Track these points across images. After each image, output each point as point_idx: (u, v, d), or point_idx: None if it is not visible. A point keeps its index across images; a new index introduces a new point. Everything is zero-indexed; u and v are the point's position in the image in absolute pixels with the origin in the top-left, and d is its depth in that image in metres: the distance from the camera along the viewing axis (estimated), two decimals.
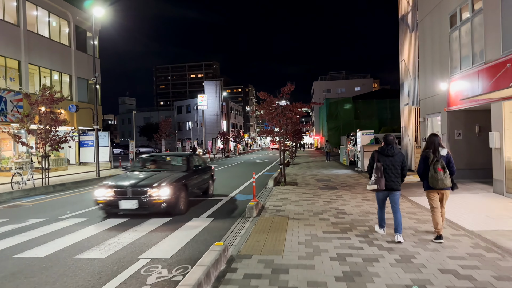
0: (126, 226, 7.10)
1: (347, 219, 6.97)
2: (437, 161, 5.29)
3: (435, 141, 5.44)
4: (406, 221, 6.70)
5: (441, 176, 5.25)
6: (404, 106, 16.87)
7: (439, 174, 5.25)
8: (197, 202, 9.74)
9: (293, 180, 14.28)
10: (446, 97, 12.14)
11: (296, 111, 12.70)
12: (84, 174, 19.20)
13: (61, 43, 22.68)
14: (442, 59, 12.52)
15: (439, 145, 5.43)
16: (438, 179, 5.26)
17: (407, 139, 16.55)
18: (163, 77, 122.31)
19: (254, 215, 7.47)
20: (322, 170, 18.52)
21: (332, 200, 9.18)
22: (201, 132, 61.59)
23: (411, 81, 15.86)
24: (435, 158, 5.32)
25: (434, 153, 5.36)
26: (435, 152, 5.36)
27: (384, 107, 49.35)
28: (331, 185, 12.42)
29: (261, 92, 12.68)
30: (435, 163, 5.29)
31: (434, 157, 5.33)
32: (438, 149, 5.38)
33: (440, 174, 5.25)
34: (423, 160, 5.48)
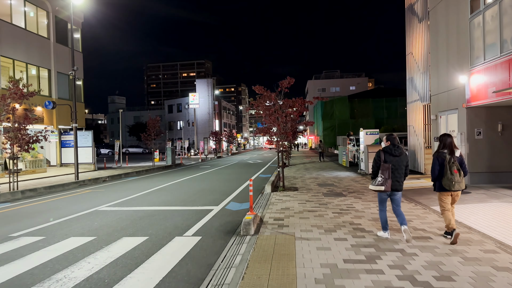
0: (89, 248, 5.59)
1: (369, 240, 5.53)
2: (453, 163, 5.17)
3: (450, 141, 5.32)
4: (443, 241, 5.29)
5: (458, 178, 5.15)
6: (412, 103, 15.55)
7: (455, 176, 5.14)
8: (184, 212, 8.24)
9: (292, 184, 12.84)
10: (464, 91, 10.80)
11: (297, 107, 11.26)
12: (63, 177, 17.56)
13: (39, 34, 20.94)
14: (461, 49, 11.18)
15: (454, 146, 5.32)
16: (455, 181, 5.14)
17: (415, 139, 15.22)
18: (154, 76, 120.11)
19: (251, 232, 6.01)
20: (322, 173, 17.12)
21: (343, 212, 7.75)
22: (192, 132, 59.95)
23: (420, 75, 14.53)
24: (451, 160, 5.19)
25: (450, 154, 5.23)
26: (452, 154, 5.23)
27: (381, 106, 48.42)
28: (336, 190, 11.01)
29: (257, 86, 11.22)
30: (452, 165, 5.16)
31: (451, 158, 5.20)
32: (454, 150, 5.27)
33: (457, 176, 5.14)
34: (438, 161, 5.31)
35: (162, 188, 13.26)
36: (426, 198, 9.19)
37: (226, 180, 15.50)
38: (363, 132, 16.20)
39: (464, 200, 8.71)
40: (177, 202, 9.86)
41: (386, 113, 47.89)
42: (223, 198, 10.40)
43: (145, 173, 20.75)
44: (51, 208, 9.49)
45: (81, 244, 5.85)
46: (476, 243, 5.24)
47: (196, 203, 9.62)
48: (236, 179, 15.82)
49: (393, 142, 5.41)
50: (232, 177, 17.04)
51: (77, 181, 15.61)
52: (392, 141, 5.42)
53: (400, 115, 46.38)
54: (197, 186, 13.71)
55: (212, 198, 10.53)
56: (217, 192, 11.71)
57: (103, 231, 6.71)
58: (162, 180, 16.33)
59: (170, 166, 25.90)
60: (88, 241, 6.02)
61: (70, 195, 12.14)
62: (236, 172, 19.64)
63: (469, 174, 10.91)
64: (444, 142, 5.36)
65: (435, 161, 5.34)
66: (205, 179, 16.17)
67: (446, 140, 5.35)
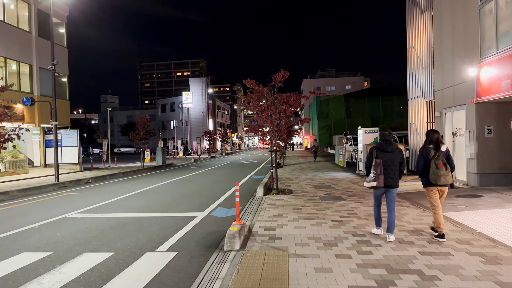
0: (39, 267, 4.59)
1: (377, 257, 4.59)
2: (438, 157, 5.19)
3: (437, 137, 5.33)
4: (466, 258, 4.37)
5: (443, 172, 5.14)
6: (413, 100, 14.66)
7: (441, 170, 5.14)
8: (163, 220, 7.25)
9: (286, 186, 11.89)
10: (474, 85, 9.92)
11: (292, 103, 10.31)
12: (44, 179, 16.47)
13: (20, 28, 19.80)
14: (469, 40, 10.29)
15: (440, 141, 5.32)
16: (440, 175, 5.14)
17: (416, 138, 14.33)
18: (148, 75, 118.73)
19: (236, 247, 5.05)
20: (318, 173, 16.20)
21: (343, 219, 6.81)
22: (186, 132, 58.85)
23: (422, 70, 13.64)
24: (436, 154, 5.21)
25: (435, 149, 5.25)
26: (437, 148, 5.25)
27: (377, 105, 47.79)
28: (334, 193, 10.07)
29: (248, 80, 10.25)
30: (437, 158, 5.18)
31: (435, 153, 5.22)
32: (440, 145, 5.27)
33: (442, 170, 5.14)
34: (422, 156, 5.34)
35: (145, 191, 12.25)
36: (425, 199, 8.27)
37: (216, 182, 14.52)
38: (362, 130, 15.30)
39: (478, 205, 7.81)
40: (158, 208, 8.87)
41: (382, 112, 47.26)
42: (210, 203, 9.42)
43: (133, 174, 19.70)
44: (16, 214, 8.46)
45: (31, 262, 4.85)
46: (509, 262, 4.32)
47: (179, 209, 8.64)
48: (227, 181, 14.85)
49: (386, 139, 5.41)
50: (223, 178, 16.06)
51: (56, 183, 14.54)
52: (384, 138, 5.43)
53: (397, 114, 45.77)
54: (184, 188, 12.72)
55: (198, 202, 9.55)
56: (205, 196, 10.73)
57: (63, 244, 5.71)
58: (148, 181, 15.31)
59: (160, 167, 24.86)
60: (41, 258, 5.03)
61: (45, 198, 11.11)
62: (228, 173, 18.67)
63: (478, 176, 10.03)
64: (430, 137, 5.36)
65: (420, 156, 5.36)
66: (194, 181, 15.18)
67: (433, 136, 5.35)
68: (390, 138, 5.43)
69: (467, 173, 10.49)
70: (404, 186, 11.01)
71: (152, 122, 73.18)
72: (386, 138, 5.42)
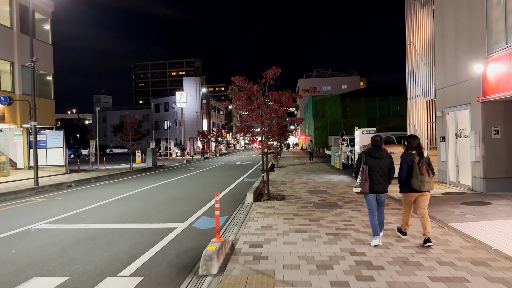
0: None
1: (380, 284, 3.82)
2: (422, 163, 5.15)
3: (418, 143, 5.32)
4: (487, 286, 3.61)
5: (427, 178, 5.13)
6: (413, 99, 13.94)
7: (425, 176, 5.12)
8: (137, 233, 6.44)
9: (279, 191, 11.11)
10: (480, 83, 9.20)
11: (284, 102, 9.54)
12: (25, 182, 15.60)
13: (0, 23, 18.87)
14: (474, 35, 9.57)
15: (421, 147, 5.31)
16: (425, 181, 5.12)
17: None
18: (142, 75, 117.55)
19: (213, 271, 4.26)
20: (313, 176, 15.44)
21: (339, 231, 6.04)
22: (180, 132, 57.96)
23: (423, 67, 12.92)
24: (421, 160, 5.16)
25: (419, 155, 5.21)
26: (421, 155, 5.22)
27: (373, 105, 47.22)
28: (329, 199, 9.31)
29: (237, 77, 9.46)
30: (421, 165, 5.14)
31: (420, 159, 5.17)
32: (422, 151, 5.25)
33: (426, 176, 5.13)
34: (406, 162, 5.27)
35: (128, 196, 11.43)
36: (440, 212, 7.54)
37: (205, 186, 13.72)
38: (359, 131, 14.56)
39: (487, 214, 7.08)
40: (137, 217, 8.06)
41: (379, 112, 46.69)
42: (194, 211, 8.61)
43: (119, 177, 18.85)
44: None
45: None
46: None
47: (159, 218, 7.83)
48: (217, 184, 14.05)
49: (376, 144, 5.33)
50: (213, 181, 15.26)
51: (35, 187, 13.67)
52: (375, 143, 5.34)
53: (393, 114, 45.18)
54: (169, 193, 11.91)
55: (181, 210, 8.75)
56: (190, 202, 9.93)
57: (13, 265, 4.90)
58: (133, 185, 14.48)
59: (150, 169, 24.02)
60: None
61: (17, 205, 10.26)
62: (219, 176, 17.87)
63: (484, 180, 9.32)
64: (412, 144, 5.32)
65: (404, 162, 5.29)
66: (181, 184, 14.37)
67: (414, 141, 5.33)
68: (380, 143, 5.35)
69: (472, 178, 9.78)
70: None
71: (146, 122, 72.30)
72: (376, 144, 5.34)
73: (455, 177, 10.79)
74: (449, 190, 10.23)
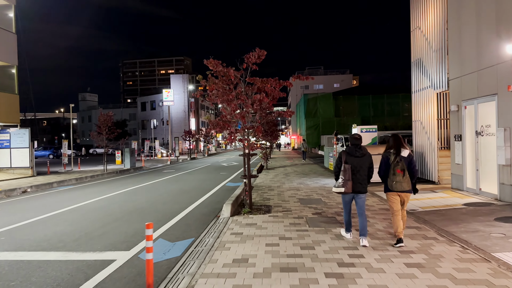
0: None
1: None
2: (397, 163, 5.05)
3: (399, 142, 5.19)
4: None
5: (400, 179, 5.02)
6: (419, 92, 12.14)
7: (397, 176, 5.03)
8: (56, 269, 4.48)
9: (264, 200, 9.22)
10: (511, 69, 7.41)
11: (269, 92, 7.64)
12: None
13: None
14: (504, 9, 7.78)
15: (402, 145, 5.17)
16: (396, 181, 5.03)
17: (423, 138, 11.82)
18: (130, 73, 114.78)
19: None
20: (305, 180, 13.58)
21: (344, 270, 4.16)
22: (167, 131, 55.77)
23: (432, 55, 11.14)
24: (396, 159, 5.07)
25: (396, 154, 5.10)
26: (398, 153, 5.10)
27: (367, 104, 45.74)
28: (326, 213, 7.43)
29: (211, 60, 7.54)
30: (396, 164, 5.06)
31: (395, 158, 5.07)
32: (400, 150, 5.12)
33: (399, 176, 5.03)
34: (384, 161, 5.21)
35: (79, 207, 9.43)
36: (472, 233, 5.71)
37: (181, 192, 11.76)
38: (357, 129, 12.74)
39: None
40: (71, 240, 6.09)
41: (373, 111, 45.17)
42: (153, 228, 6.67)
43: (88, 180, 16.79)
44: None
45: None
46: None
47: (98, 243, 5.87)
48: (195, 190, 12.11)
49: (355, 143, 5.25)
50: (192, 186, 13.30)
51: None
52: (354, 142, 5.27)
53: (388, 113, 43.70)
54: (133, 202, 9.94)
55: (135, 229, 6.79)
56: (152, 215, 7.98)
57: None
58: (97, 191, 12.47)
59: (127, 171, 21.96)
60: None
61: None
62: (200, 179, 15.92)
63: None
64: (392, 142, 5.25)
65: (382, 161, 5.24)
66: (153, 190, 12.39)
67: (395, 140, 5.23)
68: (360, 142, 5.26)
69: (499, 185, 7.99)
70: (415, 201, 8.45)
71: (132, 122, 69.92)
72: (355, 143, 5.25)
73: (475, 183, 9.00)
74: (470, 199, 8.44)
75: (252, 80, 7.42)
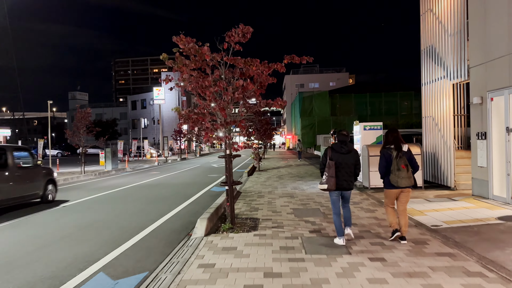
0: None
1: None
2: (400, 158, 4.92)
3: (396, 136, 5.05)
4: None
5: (405, 174, 4.89)
6: (431, 84, 10.60)
7: (403, 171, 4.89)
8: None
9: (251, 210, 7.62)
10: None
11: (255, 76, 6.02)
12: None
13: None
14: None
15: (401, 140, 5.03)
16: (403, 177, 4.88)
17: (436, 137, 10.28)
18: (123, 72, 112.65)
19: None
20: (300, 184, 12.01)
21: None
22: (158, 131, 53.98)
23: (448, 39, 9.60)
24: (398, 155, 4.93)
25: (397, 149, 4.96)
26: (399, 149, 4.96)
27: (364, 102, 44.37)
28: (326, 231, 5.85)
29: (181, 36, 5.93)
30: (399, 160, 4.91)
31: (397, 154, 4.94)
32: (401, 145, 4.97)
33: (404, 172, 4.89)
34: (384, 157, 5.06)
35: (21, 222, 7.76)
36: (508, 254, 4.16)
37: (155, 200, 10.11)
38: (360, 126, 11.17)
39: None
40: None
41: (370, 110, 43.76)
42: (95, 258, 5.02)
43: (60, 184, 15.06)
44: None
45: None
46: None
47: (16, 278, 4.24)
48: (173, 196, 10.49)
49: (341, 139, 5.12)
50: (171, 191, 11.66)
51: None
52: (341, 138, 5.13)
53: (385, 112, 42.22)
54: (92, 214, 8.28)
55: (75, 255, 5.15)
56: (108, 233, 6.35)
57: None
58: (58, 198, 10.79)
59: (107, 173, 20.28)
60: None
61: None
62: (185, 183, 14.30)
63: None
64: (390, 137, 5.10)
65: (382, 158, 5.09)
66: (124, 198, 10.74)
67: (393, 135, 5.09)
68: (347, 139, 5.10)
69: None
70: (434, 212, 6.90)
71: (123, 121, 67.95)
72: (342, 139, 5.12)
73: (505, 190, 7.46)
74: (502, 211, 6.90)
75: (233, 61, 5.80)
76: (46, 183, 9.90)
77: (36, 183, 9.55)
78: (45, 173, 10.12)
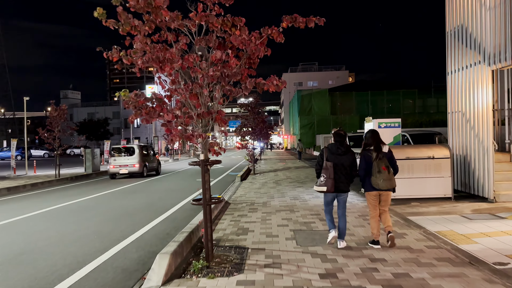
0: None
1: None
2: (380, 160, 4.76)
3: (377, 137, 4.91)
4: None
5: (386, 176, 4.71)
6: (461, 72, 8.69)
7: (383, 173, 4.71)
8: None
9: (238, 232, 5.72)
10: None
11: (239, 44, 4.09)
12: None
13: None
14: None
15: (381, 141, 4.91)
16: (384, 179, 4.70)
17: (468, 136, 8.38)
18: (117, 70, 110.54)
19: None
20: (301, 192, 10.10)
21: None
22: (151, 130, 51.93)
23: (485, 15, 7.70)
24: (378, 156, 4.77)
25: (376, 151, 4.82)
26: (378, 150, 4.82)
27: (365, 101, 42.55)
28: (344, 272, 3.94)
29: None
30: (379, 161, 4.76)
31: (377, 155, 4.78)
32: (381, 146, 4.85)
33: (385, 174, 4.71)
34: (364, 159, 4.92)
35: None
36: None
37: (120, 215, 8.16)
38: (373, 123, 9.23)
39: None
40: None
41: (372, 108, 41.82)
42: None
43: (27, 190, 13.21)
44: None
45: None
46: None
47: None
48: (147, 208, 8.56)
49: (337, 139, 4.95)
50: (147, 201, 9.72)
51: None
52: (335, 139, 4.97)
53: (387, 111, 40.31)
54: (26, 238, 6.33)
55: None
56: (27, 275, 4.42)
57: None
58: (10, 209, 8.84)
59: (86, 176, 18.30)
60: None
61: None
62: (167, 189, 12.41)
63: None
64: (369, 138, 4.95)
65: (362, 160, 4.94)
66: (82, 212, 8.78)
67: (372, 135, 4.94)
68: (343, 139, 4.94)
69: None
70: (484, 238, 5.00)
71: (115, 120, 65.82)
72: (338, 139, 4.94)
73: None
74: None
75: (205, 20, 3.86)
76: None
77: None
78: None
